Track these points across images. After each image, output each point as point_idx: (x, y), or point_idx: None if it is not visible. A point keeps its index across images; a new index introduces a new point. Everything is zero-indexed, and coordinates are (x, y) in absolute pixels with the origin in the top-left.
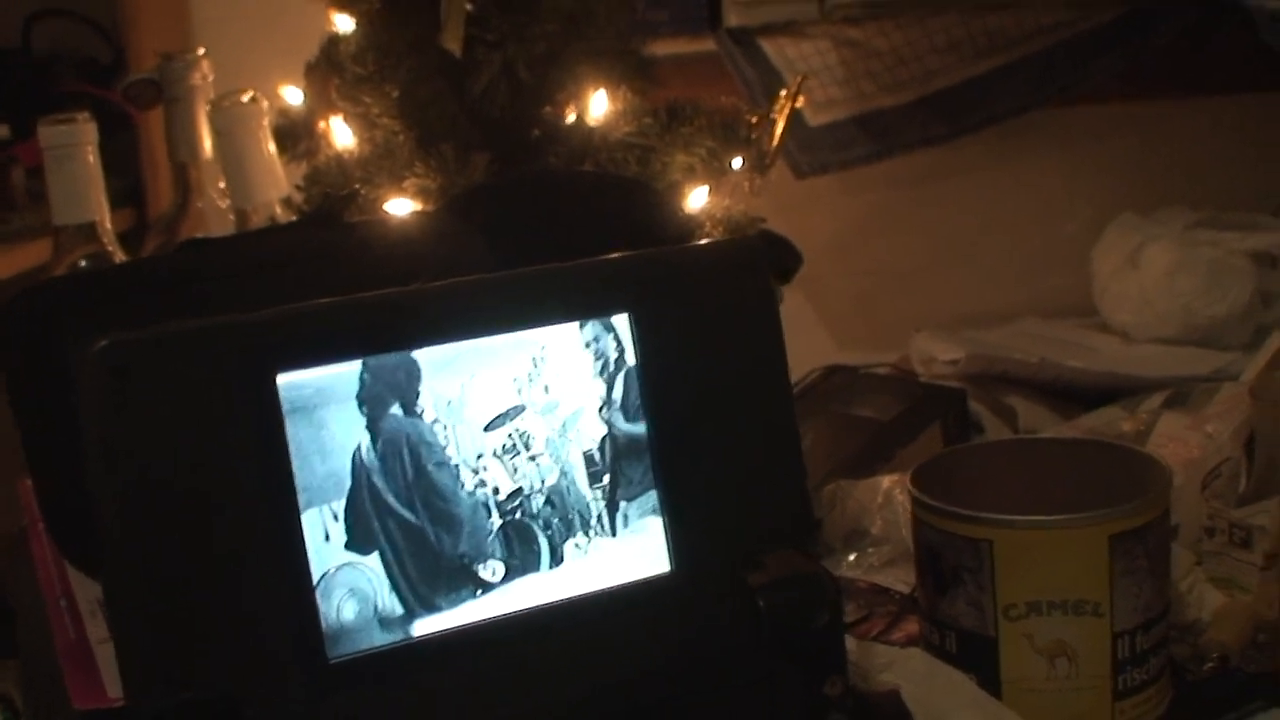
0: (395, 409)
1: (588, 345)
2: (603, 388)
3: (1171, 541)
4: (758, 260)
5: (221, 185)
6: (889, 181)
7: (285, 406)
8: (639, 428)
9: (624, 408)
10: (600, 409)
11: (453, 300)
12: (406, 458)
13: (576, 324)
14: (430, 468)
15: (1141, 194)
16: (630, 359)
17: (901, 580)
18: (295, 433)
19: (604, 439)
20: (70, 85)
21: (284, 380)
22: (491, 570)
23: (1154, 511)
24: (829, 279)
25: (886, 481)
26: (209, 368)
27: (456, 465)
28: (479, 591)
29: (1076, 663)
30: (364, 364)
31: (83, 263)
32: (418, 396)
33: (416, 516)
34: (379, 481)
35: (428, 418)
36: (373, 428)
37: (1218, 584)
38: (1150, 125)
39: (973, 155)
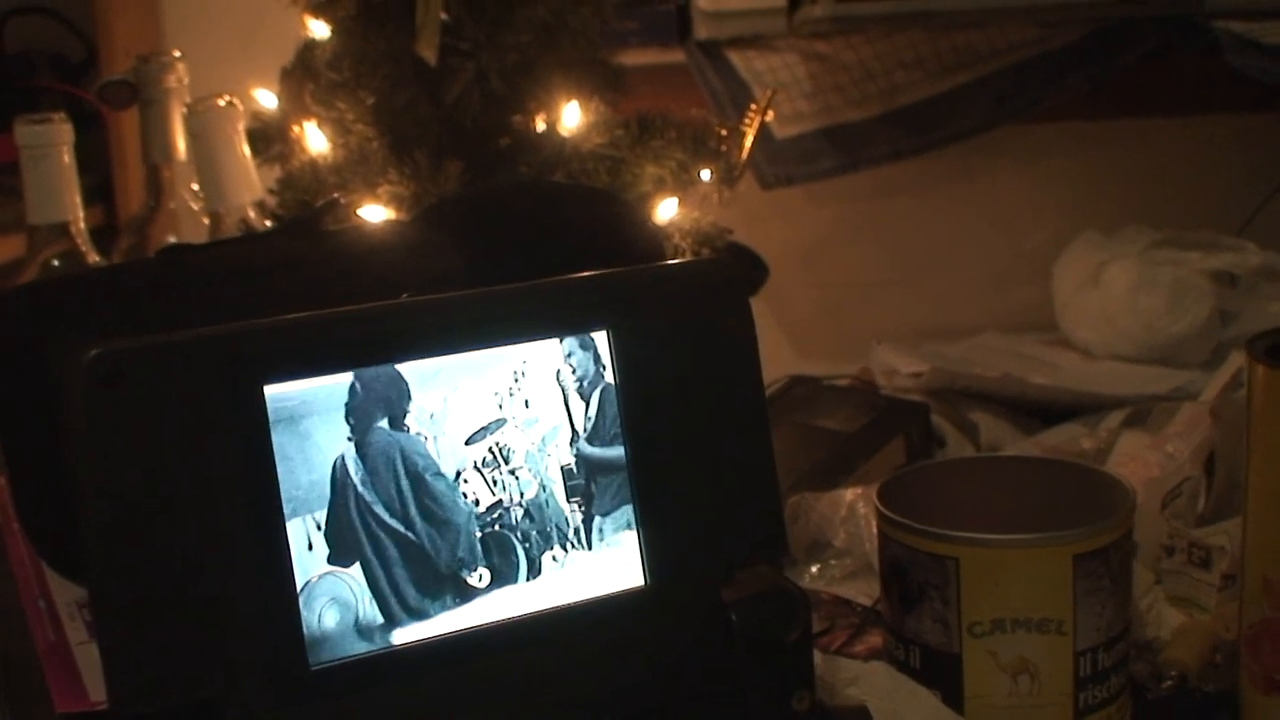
0: (382, 422)
1: (566, 361)
2: (581, 403)
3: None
4: (737, 279)
5: (194, 187)
6: (854, 195)
7: (272, 417)
8: (616, 443)
9: (601, 423)
10: (578, 424)
11: (439, 314)
12: (401, 469)
13: (556, 340)
14: (429, 477)
15: (1104, 212)
16: (608, 375)
17: (863, 593)
18: (281, 443)
19: (581, 454)
20: (43, 82)
21: (271, 391)
22: (479, 576)
23: (1117, 532)
24: (793, 290)
25: (849, 494)
26: (197, 377)
27: (448, 475)
28: (464, 600)
29: (1039, 680)
30: (355, 376)
31: (56, 261)
32: (407, 412)
33: (409, 526)
34: (366, 494)
35: (412, 431)
36: (358, 440)
37: (1176, 603)
38: (1114, 144)
39: (938, 170)
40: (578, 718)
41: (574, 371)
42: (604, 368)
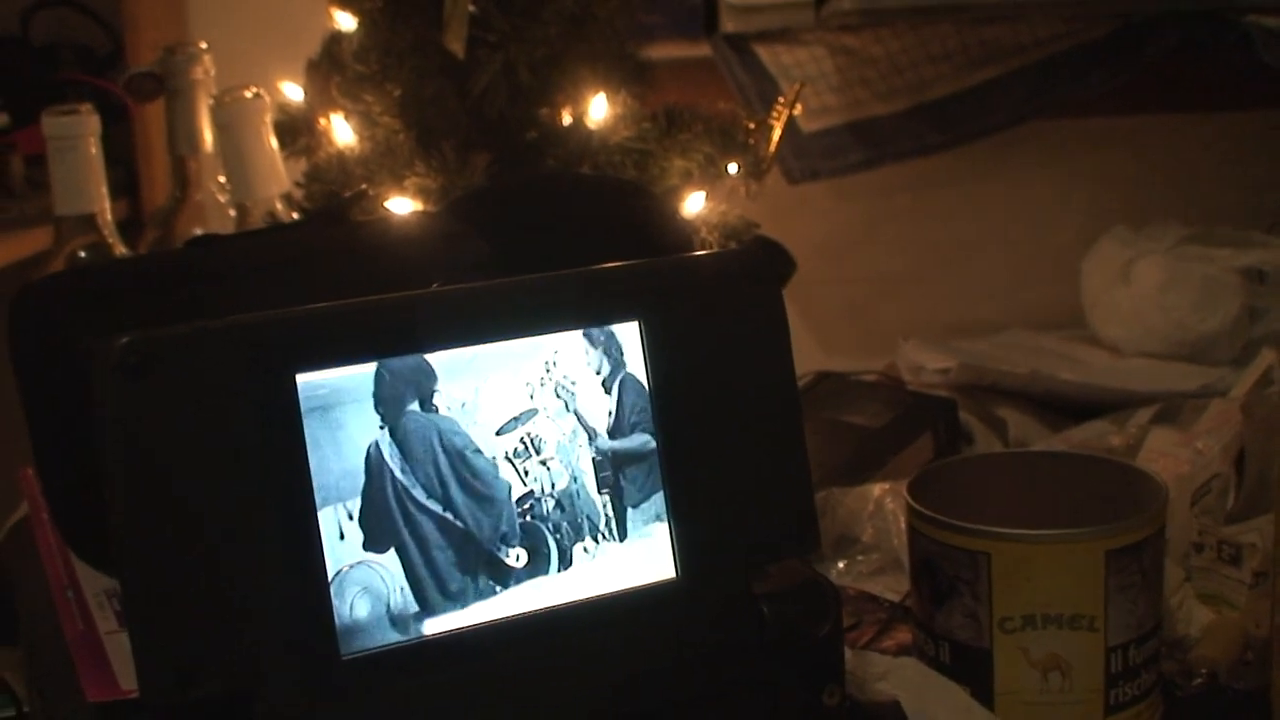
0: (413, 405)
1: (590, 352)
2: (604, 396)
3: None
4: (767, 269)
5: (221, 179)
6: (881, 189)
7: (303, 405)
8: (636, 433)
9: (622, 415)
10: (608, 415)
11: (468, 304)
12: (439, 449)
13: (580, 331)
14: (469, 454)
15: (1133, 208)
16: (630, 366)
17: (891, 588)
18: (312, 432)
19: (612, 445)
20: (69, 74)
21: (303, 380)
22: (516, 556)
23: (1150, 528)
24: (819, 285)
25: (877, 490)
26: (227, 366)
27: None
28: (497, 583)
29: (1070, 676)
30: (380, 365)
31: (82, 253)
32: (433, 395)
33: (447, 506)
34: (404, 478)
35: (444, 414)
36: (391, 425)
37: (1205, 600)
38: (1143, 139)
39: (965, 165)
40: (607, 709)
41: (598, 363)
42: (625, 358)
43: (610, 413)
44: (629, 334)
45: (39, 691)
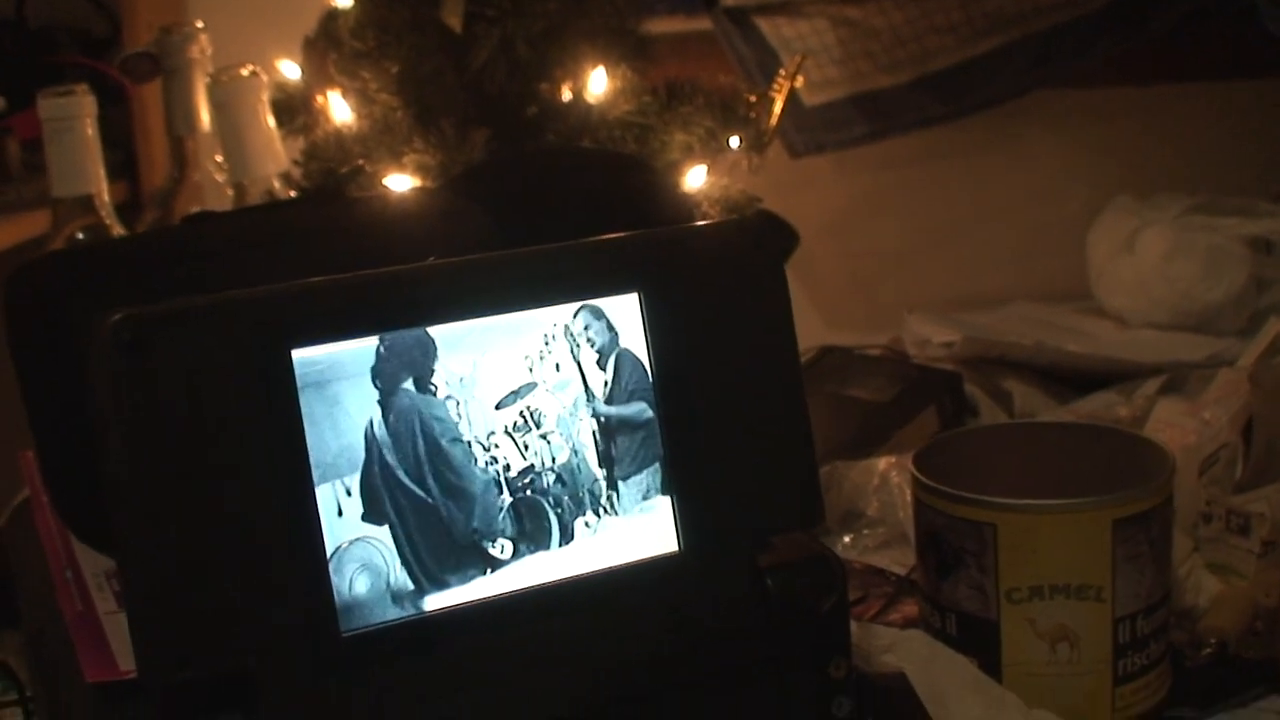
0: (408, 384)
1: (589, 325)
2: (603, 370)
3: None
4: (767, 240)
5: (218, 159)
6: (884, 162)
7: (299, 381)
8: (647, 407)
9: (626, 387)
10: (604, 387)
11: (466, 277)
12: (419, 433)
13: (579, 303)
14: (445, 443)
15: (1138, 178)
16: (625, 341)
17: (897, 562)
18: (309, 407)
19: (612, 418)
20: (66, 57)
21: (299, 355)
22: (501, 548)
23: (1158, 497)
24: (823, 259)
25: (883, 463)
26: (224, 342)
27: (469, 442)
28: (488, 569)
29: (1078, 647)
30: (380, 339)
31: (80, 235)
32: (433, 373)
33: (427, 493)
34: (390, 458)
35: (440, 394)
36: (384, 403)
37: (1214, 570)
38: (1148, 109)
39: (969, 137)
40: (611, 684)
41: (590, 339)
42: (621, 333)
43: (606, 384)
44: (629, 306)
45: (40, 674)
